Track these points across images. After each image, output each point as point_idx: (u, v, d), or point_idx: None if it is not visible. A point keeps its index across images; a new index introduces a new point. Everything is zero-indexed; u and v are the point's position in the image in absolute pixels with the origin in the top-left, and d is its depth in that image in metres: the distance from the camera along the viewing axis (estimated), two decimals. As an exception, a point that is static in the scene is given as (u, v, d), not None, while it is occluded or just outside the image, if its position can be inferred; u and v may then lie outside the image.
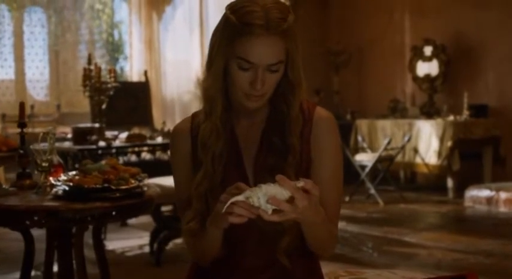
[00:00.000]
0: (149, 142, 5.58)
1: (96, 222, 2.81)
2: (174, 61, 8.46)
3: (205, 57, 1.81)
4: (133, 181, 2.85)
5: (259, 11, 1.60)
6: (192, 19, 8.45)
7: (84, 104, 8.51)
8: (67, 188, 2.75)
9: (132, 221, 5.79)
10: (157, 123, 6.97)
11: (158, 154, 5.98)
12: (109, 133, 5.49)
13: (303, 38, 1.77)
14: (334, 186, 1.76)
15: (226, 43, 1.63)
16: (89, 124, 5.51)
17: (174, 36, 8.47)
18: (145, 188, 2.91)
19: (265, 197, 1.45)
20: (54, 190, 2.83)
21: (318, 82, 8.81)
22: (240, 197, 1.46)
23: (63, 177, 2.85)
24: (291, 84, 1.70)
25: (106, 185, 2.74)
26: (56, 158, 3.04)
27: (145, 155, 6.11)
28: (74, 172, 2.93)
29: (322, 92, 8.64)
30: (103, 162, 3.03)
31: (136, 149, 5.69)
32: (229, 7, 1.66)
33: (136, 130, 5.84)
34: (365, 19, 8.96)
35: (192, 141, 1.79)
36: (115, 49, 9.68)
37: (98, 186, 2.73)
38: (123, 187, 2.77)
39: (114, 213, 2.72)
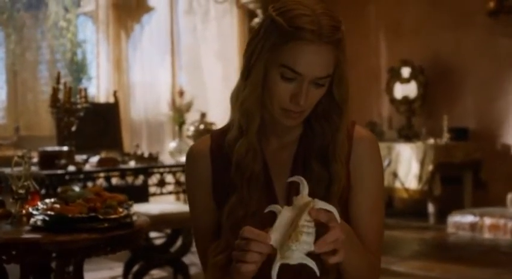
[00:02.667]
0: (122, 166, 5.24)
1: (82, 256, 2.48)
2: (143, 82, 8.11)
3: (177, 78, 1.54)
4: (121, 210, 2.54)
5: (311, 15, 1.39)
6: (162, 38, 8.13)
7: (44, 126, 8.13)
8: (47, 218, 2.42)
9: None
10: (126, 146, 6.62)
11: (130, 179, 5.62)
12: (78, 157, 5.13)
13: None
14: (376, 215, 1.57)
15: (270, 48, 1.41)
16: (56, 148, 5.12)
17: (142, 56, 8.12)
18: (135, 218, 2.60)
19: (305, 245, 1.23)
20: (32, 220, 2.49)
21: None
22: (278, 264, 1.23)
23: (41, 205, 2.52)
24: (336, 103, 1.48)
25: (93, 214, 2.43)
26: (33, 185, 2.70)
27: (116, 181, 5.74)
28: (52, 200, 2.60)
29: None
30: (75, 188, 2.73)
31: (107, 174, 5.32)
32: (275, 8, 1.44)
33: (104, 154, 5.47)
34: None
35: (212, 164, 1.56)
36: (79, 69, 9.29)
37: (83, 215, 2.42)
38: (112, 217, 2.45)
39: (102, 245, 2.40)
